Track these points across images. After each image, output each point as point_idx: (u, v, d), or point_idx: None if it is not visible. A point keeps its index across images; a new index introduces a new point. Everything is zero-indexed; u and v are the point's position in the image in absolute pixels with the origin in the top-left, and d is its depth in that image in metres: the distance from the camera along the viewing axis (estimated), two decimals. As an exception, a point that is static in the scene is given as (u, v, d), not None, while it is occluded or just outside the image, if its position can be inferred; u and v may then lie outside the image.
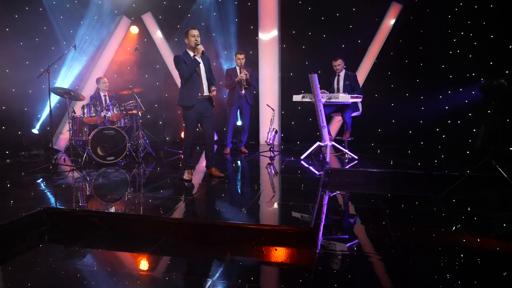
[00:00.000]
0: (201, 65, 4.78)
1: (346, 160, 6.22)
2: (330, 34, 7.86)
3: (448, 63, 7.39)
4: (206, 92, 4.81)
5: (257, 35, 8.05)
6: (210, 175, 5.04)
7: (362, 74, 7.62)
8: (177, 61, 4.68)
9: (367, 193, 4.79)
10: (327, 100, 5.80)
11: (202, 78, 4.78)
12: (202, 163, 5.73)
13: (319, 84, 5.74)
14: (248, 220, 3.46)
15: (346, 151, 6.20)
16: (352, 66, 7.19)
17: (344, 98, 5.69)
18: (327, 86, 6.48)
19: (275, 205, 3.93)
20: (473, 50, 7.16)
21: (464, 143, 7.21)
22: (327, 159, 5.87)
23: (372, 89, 7.49)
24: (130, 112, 6.48)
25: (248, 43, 8.15)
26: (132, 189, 4.64)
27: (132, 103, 6.39)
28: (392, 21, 7.52)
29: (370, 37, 7.70)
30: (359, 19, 7.67)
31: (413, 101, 7.63)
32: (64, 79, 8.03)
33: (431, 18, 7.37)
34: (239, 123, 7.23)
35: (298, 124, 8.19)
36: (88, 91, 7.58)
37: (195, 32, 4.70)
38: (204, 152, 5.14)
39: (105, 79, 6.82)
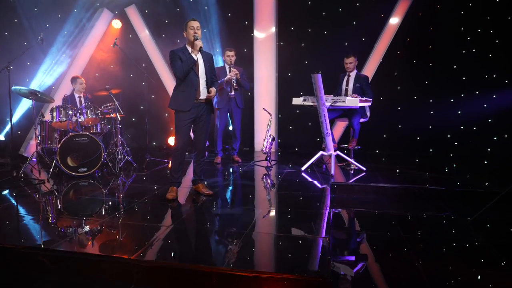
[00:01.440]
0: (200, 63, 3.94)
1: (352, 171, 5.39)
2: (331, 31, 7.03)
3: (461, 64, 6.60)
4: (204, 96, 3.97)
5: (252, 31, 7.18)
6: (197, 192, 4.17)
7: (368, 76, 6.78)
8: (172, 57, 3.85)
9: (381, 214, 3.93)
10: (332, 104, 4.95)
11: (200, 78, 3.93)
12: (189, 175, 4.86)
13: (322, 86, 4.89)
14: (241, 262, 2.60)
15: (353, 161, 5.36)
16: (356, 66, 6.37)
17: (351, 102, 4.85)
18: (332, 87, 5.65)
19: (275, 239, 3.06)
20: (494, 49, 6.34)
21: (481, 152, 6.41)
22: (332, 171, 5.02)
23: (377, 91, 6.62)
24: (108, 115, 5.58)
25: (242, 40, 7.29)
26: (99, 213, 3.71)
27: (110, 105, 5.49)
28: (400, 18, 6.69)
29: (375, 35, 6.87)
30: (364, 15, 6.85)
31: (421, 104, 6.84)
32: (45, 78, 7.11)
33: (441, 15, 6.57)
34: (230, 127, 6.32)
35: (297, 129, 7.34)
36: (63, 92, 6.62)
37: (194, 23, 3.86)
38: (192, 163, 4.24)
39: (82, 79, 5.91)
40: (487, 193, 4.13)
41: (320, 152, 5.30)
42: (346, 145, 5.72)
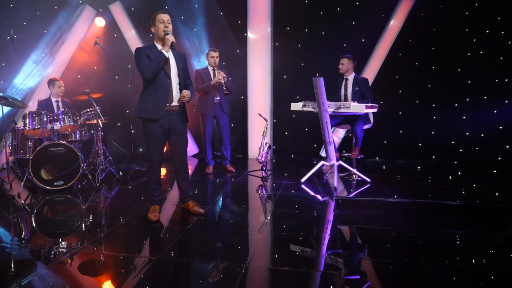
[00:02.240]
0: (172, 63, 3.39)
1: (354, 182, 4.92)
2: (329, 32, 6.57)
3: (466, 67, 6.17)
4: (177, 102, 3.43)
5: (246, 31, 6.67)
6: (187, 210, 3.65)
7: (368, 78, 6.32)
8: (137, 55, 3.28)
9: (393, 234, 3.43)
10: (336, 111, 4.47)
11: (173, 81, 3.38)
12: (175, 190, 4.34)
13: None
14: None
15: (356, 172, 4.88)
16: (355, 69, 5.89)
17: (357, 108, 4.36)
18: (331, 92, 5.16)
19: (278, 279, 2.55)
20: (507, 51, 5.90)
21: (490, 160, 5.98)
22: (335, 184, 4.53)
23: (377, 95, 6.12)
24: (88, 122, 5.02)
25: (235, 40, 6.78)
26: (71, 240, 3.12)
27: (91, 111, 4.93)
28: (402, 18, 6.24)
29: (376, 36, 6.42)
30: (363, 15, 6.39)
31: (424, 109, 6.43)
32: (21, 81, 6.49)
33: (445, 15, 6.14)
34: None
35: (293, 135, 6.85)
36: (41, 96, 6.01)
37: (164, 16, 3.31)
38: (176, 180, 3.70)
39: (61, 81, 5.35)
40: (506, 209, 3.72)
41: (321, 162, 4.81)
42: (347, 154, 5.25)
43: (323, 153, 6.64)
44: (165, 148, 3.53)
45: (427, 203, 4.09)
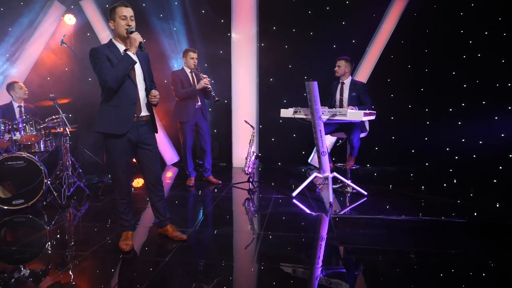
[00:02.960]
0: (137, 66, 2.84)
1: (348, 194, 4.50)
2: (318, 32, 6.15)
3: (461, 70, 5.84)
4: (145, 111, 2.90)
5: (229, 31, 6.17)
6: (165, 235, 3.13)
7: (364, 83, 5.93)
8: (95, 57, 2.69)
9: (399, 257, 2.98)
10: (331, 118, 4.02)
11: (139, 87, 2.85)
12: (148, 212, 3.81)
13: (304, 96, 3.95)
14: None
15: (352, 184, 4.45)
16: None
17: (354, 115, 3.92)
18: (321, 96, 4.71)
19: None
20: (509, 54, 5.56)
21: (490, 169, 5.64)
22: (330, 199, 4.09)
23: (368, 99, 5.82)
24: (54, 131, 4.44)
25: (217, 40, 6.28)
26: (24, 282, 2.56)
27: (57, 118, 4.34)
28: (395, 19, 5.86)
29: (367, 37, 6.03)
30: (354, 14, 5.99)
31: (417, 114, 6.08)
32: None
33: (439, 15, 5.80)
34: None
35: (280, 142, 6.39)
36: (1, 101, 5.34)
37: (126, 11, 2.75)
38: (149, 200, 3.16)
39: (21, 84, 4.73)
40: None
41: (314, 174, 4.36)
42: (341, 164, 4.82)
43: (312, 161, 6.21)
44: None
45: (433, 221, 3.70)
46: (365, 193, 4.36)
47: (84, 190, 4.45)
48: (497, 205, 4.14)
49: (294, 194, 4.32)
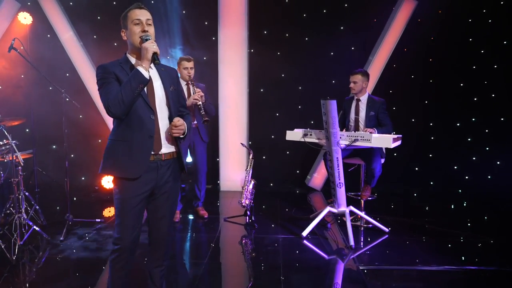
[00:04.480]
0: (157, 86, 2.01)
1: (362, 229, 3.78)
2: (314, 38, 5.44)
3: (471, 82, 5.30)
4: (167, 148, 2.02)
5: (215, 34, 5.31)
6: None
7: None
8: (102, 77, 1.91)
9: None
10: (350, 144, 3.27)
11: (159, 116, 1.99)
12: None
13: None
14: None
15: (371, 220, 3.69)
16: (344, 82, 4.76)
17: (380, 141, 3.18)
18: (318, 111, 3.96)
19: None
20: None
21: (507, 190, 5.07)
22: (351, 242, 3.32)
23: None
24: (2, 159, 3.44)
25: (201, 45, 5.39)
26: None
27: (5, 145, 3.35)
28: (402, 26, 5.21)
29: (368, 44, 5.36)
30: (354, 18, 5.31)
31: (421, 128, 5.46)
32: None
33: (445, 22, 5.21)
34: (189, 159, 4.34)
35: (271, 160, 5.58)
36: None
37: (140, 14, 1.96)
38: (146, 265, 2.22)
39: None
40: None
41: (328, 209, 3.59)
42: (354, 194, 4.07)
43: (310, 183, 5.45)
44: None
45: (479, 271, 3.03)
46: (386, 229, 3.64)
47: (42, 235, 3.45)
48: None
49: (304, 234, 3.52)
